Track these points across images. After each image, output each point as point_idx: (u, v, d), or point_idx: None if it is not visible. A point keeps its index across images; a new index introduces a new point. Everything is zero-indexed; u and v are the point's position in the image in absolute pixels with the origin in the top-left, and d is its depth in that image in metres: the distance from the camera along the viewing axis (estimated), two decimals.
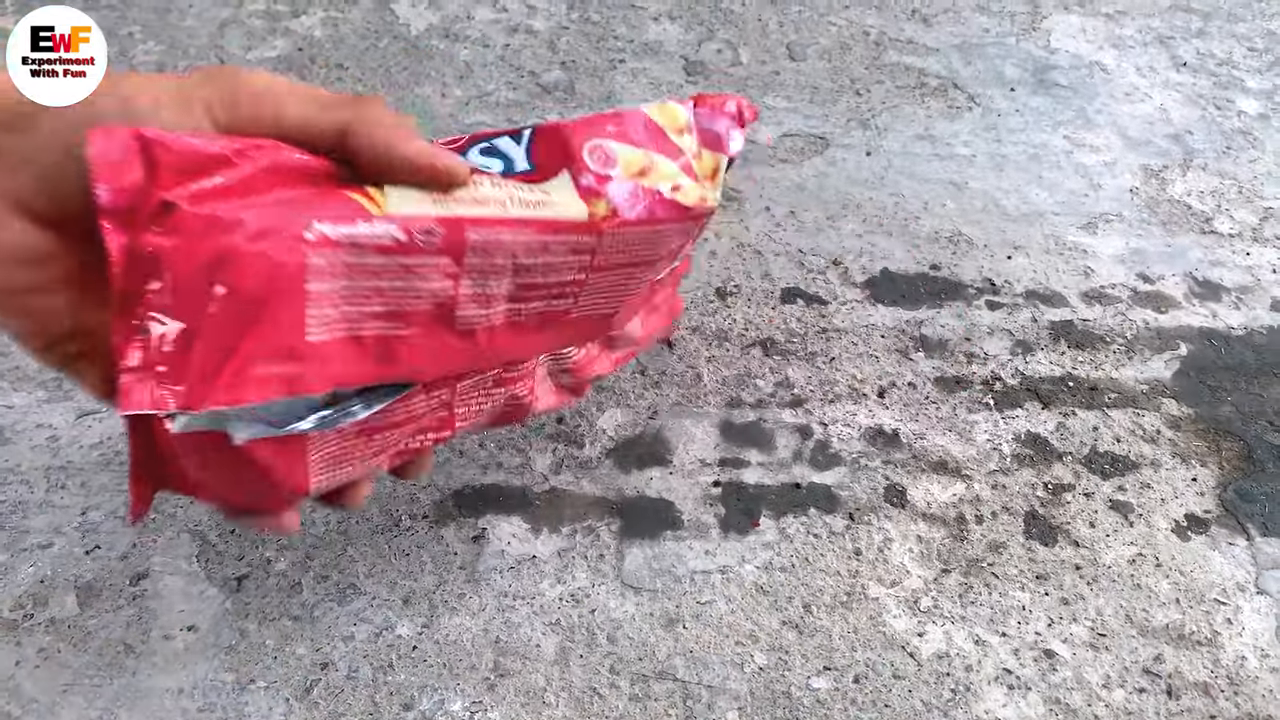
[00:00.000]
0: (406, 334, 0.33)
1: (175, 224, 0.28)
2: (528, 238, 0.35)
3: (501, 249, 0.34)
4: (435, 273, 0.33)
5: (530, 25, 1.15)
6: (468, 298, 0.35)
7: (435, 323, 0.34)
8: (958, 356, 0.84)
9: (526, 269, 0.36)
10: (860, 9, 1.22)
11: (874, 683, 0.64)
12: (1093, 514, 0.74)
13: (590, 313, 0.41)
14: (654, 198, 0.39)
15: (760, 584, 0.69)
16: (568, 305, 0.39)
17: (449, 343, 0.35)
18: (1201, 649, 0.67)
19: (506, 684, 0.63)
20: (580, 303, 0.39)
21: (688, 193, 0.40)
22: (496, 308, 0.36)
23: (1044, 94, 1.12)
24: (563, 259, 0.37)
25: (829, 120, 1.06)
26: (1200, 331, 0.88)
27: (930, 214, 0.97)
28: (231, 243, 0.28)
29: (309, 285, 0.29)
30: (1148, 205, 1.00)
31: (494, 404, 0.42)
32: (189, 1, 1.15)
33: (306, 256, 0.29)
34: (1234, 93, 1.15)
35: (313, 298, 0.30)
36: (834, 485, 0.74)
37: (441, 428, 0.39)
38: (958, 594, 0.69)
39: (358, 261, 0.31)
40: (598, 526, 0.71)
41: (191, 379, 0.28)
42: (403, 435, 0.38)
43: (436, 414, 0.38)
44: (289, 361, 0.29)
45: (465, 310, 0.35)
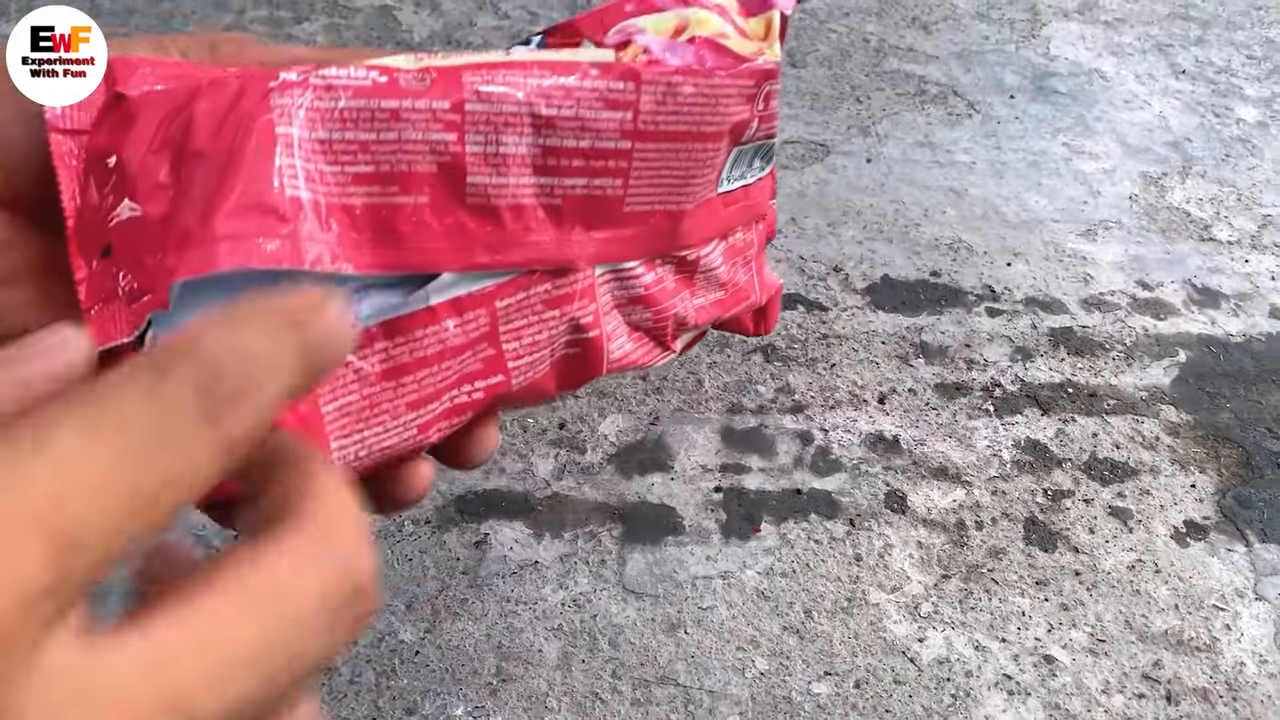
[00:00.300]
0: (408, 203, 0.28)
1: (127, 111, 0.25)
2: (543, 79, 0.29)
3: (510, 97, 0.29)
4: (430, 120, 0.28)
5: (532, 32, 1.16)
6: (478, 159, 0.29)
7: (442, 191, 0.28)
8: (958, 363, 0.85)
9: (549, 124, 0.30)
10: (860, 16, 1.23)
11: (875, 688, 0.65)
12: (1092, 520, 0.75)
13: (646, 206, 0.33)
14: (697, 41, 0.33)
15: (761, 589, 0.69)
16: (616, 188, 0.32)
17: (464, 222, 0.29)
18: (1200, 655, 0.68)
19: (509, 689, 0.63)
20: (631, 186, 0.32)
21: (739, 45, 0.34)
22: (520, 179, 0.30)
23: (1043, 101, 1.13)
24: (594, 114, 0.30)
25: (829, 127, 1.07)
26: (1199, 338, 0.89)
27: (930, 221, 0.97)
28: (188, 107, 0.25)
29: (277, 129, 0.25)
30: (1147, 212, 1.01)
31: (552, 337, 0.33)
32: (191, 9, 1.16)
33: (270, 99, 0.25)
34: (1233, 100, 1.15)
35: (283, 142, 0.25)
36: (835, 491, 0.75)
37: (490, 370, 0.31)
38: (958, 599, 0.69)
39: (332, 107, 0.26)
40: (599, 532, 0.71)
41: (153, 269, 0.24)
42: (442, 381, 0.31)
43: (479, 351, 0.31)
44: (262, 217, 0.25)
45: (477, 176, 0.29)
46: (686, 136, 0.33)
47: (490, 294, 0.31)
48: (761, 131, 0.37)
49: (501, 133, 0.29)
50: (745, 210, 0.39)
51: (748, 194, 0.39)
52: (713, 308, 0.40)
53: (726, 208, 0.38)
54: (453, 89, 0.28)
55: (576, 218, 0.32)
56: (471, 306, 0.30)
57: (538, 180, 0.30)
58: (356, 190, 0.27)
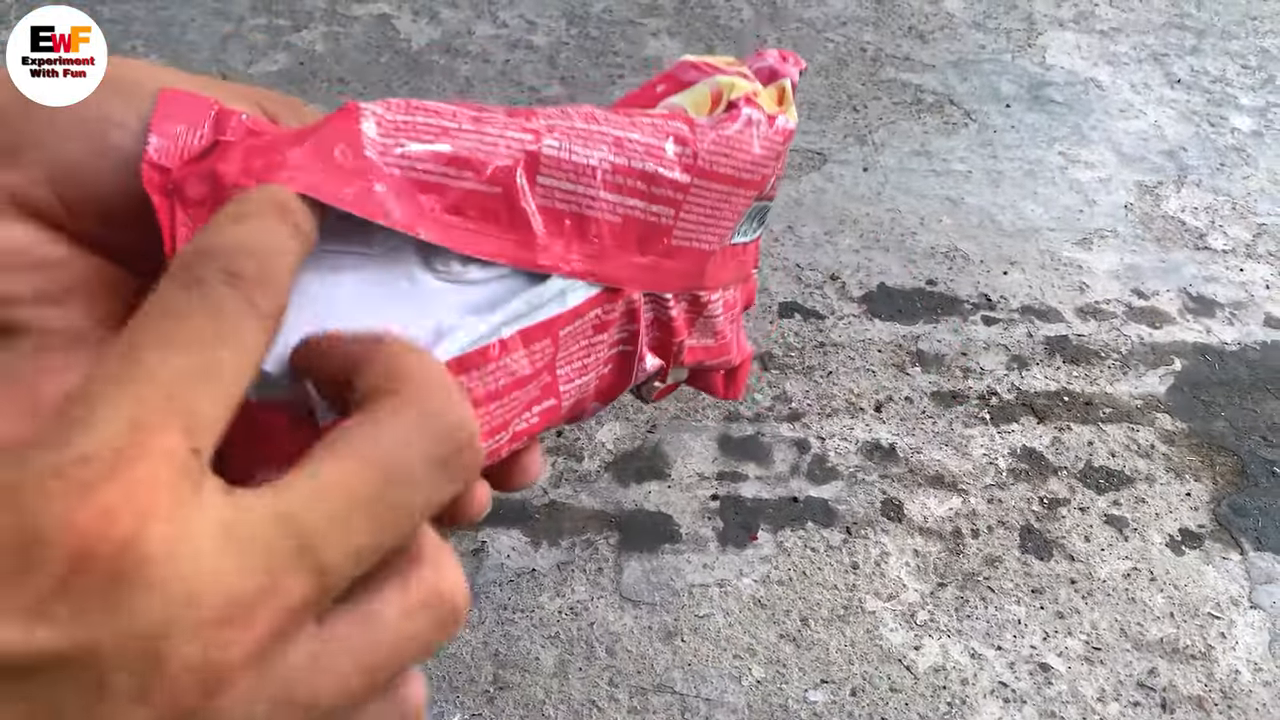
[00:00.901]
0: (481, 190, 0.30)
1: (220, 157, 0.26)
2: (613, 117, 0.32)
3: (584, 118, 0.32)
4: (508, 124, 0.30)
5: (530, 40, 1.16)
6: (551, 161, 0.31)
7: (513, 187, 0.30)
8: (954, 371, 0.85)
9: (618, 144, 0.32)
10: (857, 25, 1.23)
11: (871, 696, 0.65)
12: (1088, 528, 0.75)
13: (688, 242, 0.36)
14: (741, 100, 0.36)
15: (758, 597, 0.69)
16: (668, 218, 0.34)
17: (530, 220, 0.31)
18: (1196, 663, 0.68)
19: (506, 697, 0.63)
20: (680, 219, 0.35)
21: (769, 106, 0.37)
22: (591, 187, 0.32)
23: (1039, 110, 1.13)
24: (661, 143, 0.33)
25: (826, 136, 1.07)
26: (1194, 347, 0.89)
27: (927, 229, 0.98)
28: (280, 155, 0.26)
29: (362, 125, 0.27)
30: (1142, 221, 1.01)
31: (596, 360, 0.35)
32: (191, 16, 1.16)
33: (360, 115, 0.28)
34: (1228, 110, 1.16)
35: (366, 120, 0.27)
36: (831, 499, 0.75)
37: (545, 395, 0.33)
38: (954, 608, 0.70)
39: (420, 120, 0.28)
40: (596, 540, 0.71)
41: None
42: (511, 410, 0.32)
43: (539, 376, 0.33)
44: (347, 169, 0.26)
45: (548, 177, 0.31)
46: (733, 181, 0.35)
47: (554, 322, 0.32)
48: (771, 190, 0.40)
49: (574, 142, 0.31)
50: (741, 267, 0.42)
51: (745, 252, 0.41)
52: (700, 351, 0.41)
53: (733, 259, 0.40)
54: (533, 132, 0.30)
55: (631, 239, 0.34)
56: (539, 336, 0.32)
57: (608, 199, 0.32)
58: (433, 168, 0.28)
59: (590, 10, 1.21)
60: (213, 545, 0.16)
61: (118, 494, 0.15)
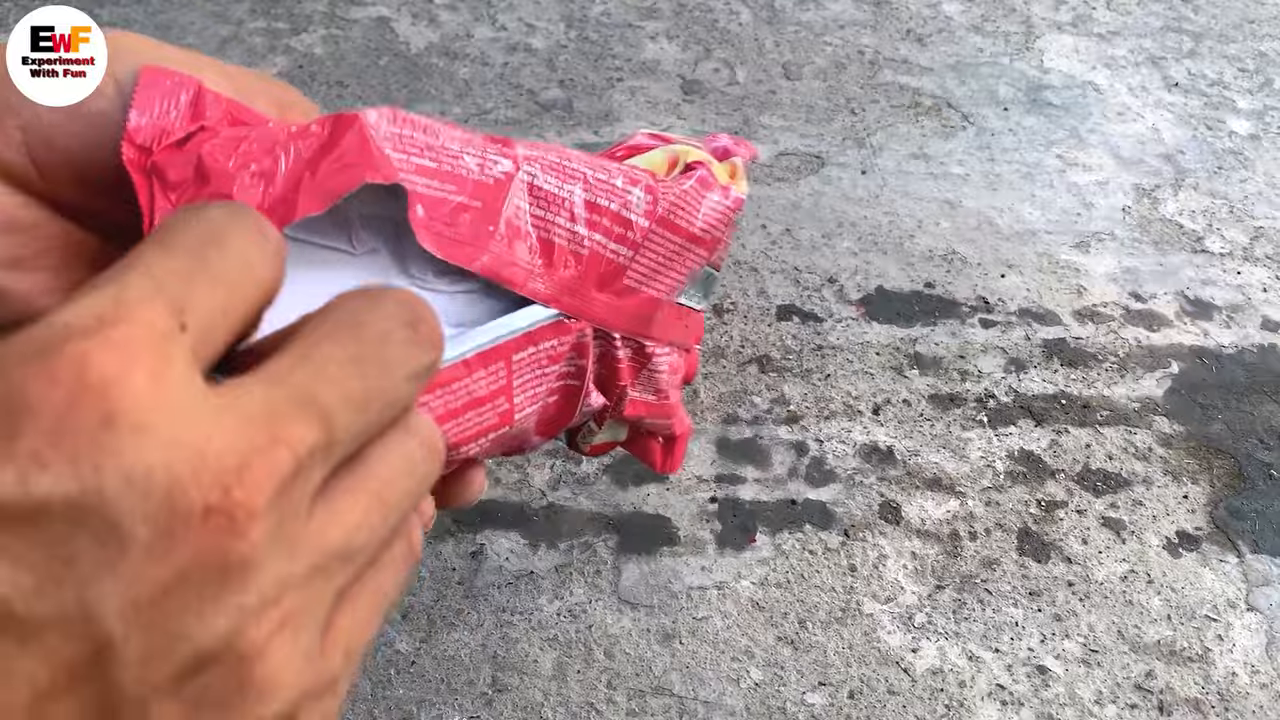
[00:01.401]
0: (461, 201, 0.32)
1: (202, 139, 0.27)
2: (583, 155, 0.34)
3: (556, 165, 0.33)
4: (488, 148, 0.32)
5: (529, 44, 1.16)
6: (522, 186, 0.33)
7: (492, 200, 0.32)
8: (952, 374, 0.85)
9: (586, 182, 0.34)
10: (856, 29, 1.23)
11: (869, 698, 0.65)
12: (1085, 531, 0.75)
13: (641, 286, 0.37)
14: (697, 166, 0.38)
15: (756, 600, 0.69)
16: (626, 257, 0.36)
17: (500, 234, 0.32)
18: (1193, 665, 0.68)
19: (504, 699, 0.63)
20: (636, 261, 0.36)
21: (721, 176, 0.39)
22: (562, 217, 0.34)
23: (1037, 113, 1.14)
24: (626, 187, 0.35)
25: (824, 139, 1.08)
26: (1192, 350, 0.89)
27: (924, 232, 0.98)
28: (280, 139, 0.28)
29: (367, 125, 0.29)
30: (1140, 224, 1.01)
31: (548, 389, 0.36)
32: (190, 19, 1.16)
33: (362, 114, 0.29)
34: (1225, 113, 1.16)
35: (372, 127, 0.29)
36: (829, 501, 0.75)
37: (501, 422, 0.34)
38: (951, 610, 0.70)
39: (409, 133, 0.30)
40: (595, 542, 0.71)
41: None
42: (465, 432, 0.34)
43: (496, 402, 0.34)
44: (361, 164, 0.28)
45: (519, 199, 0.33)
46: (688, 235, 0.37)
47: (509, 346, 0.33)
48: (718, 257, 0.42)
49: (550, 172, 0.33)
50: (686, 332, 0.43)
51: (690, 317, 0.43)
52: (642, 405, 0.43)
53: (679, 320, 0.42)
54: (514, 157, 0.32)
55: (594, 274, 0.35)
56: (492, 360, 0.33)
57: (574, 227, 0.34)
58: (417, 180, 0.30)
59: (589, 13, 1.21)
60: (208, 401, 0.16)
61: (98, 346, 0.15)
